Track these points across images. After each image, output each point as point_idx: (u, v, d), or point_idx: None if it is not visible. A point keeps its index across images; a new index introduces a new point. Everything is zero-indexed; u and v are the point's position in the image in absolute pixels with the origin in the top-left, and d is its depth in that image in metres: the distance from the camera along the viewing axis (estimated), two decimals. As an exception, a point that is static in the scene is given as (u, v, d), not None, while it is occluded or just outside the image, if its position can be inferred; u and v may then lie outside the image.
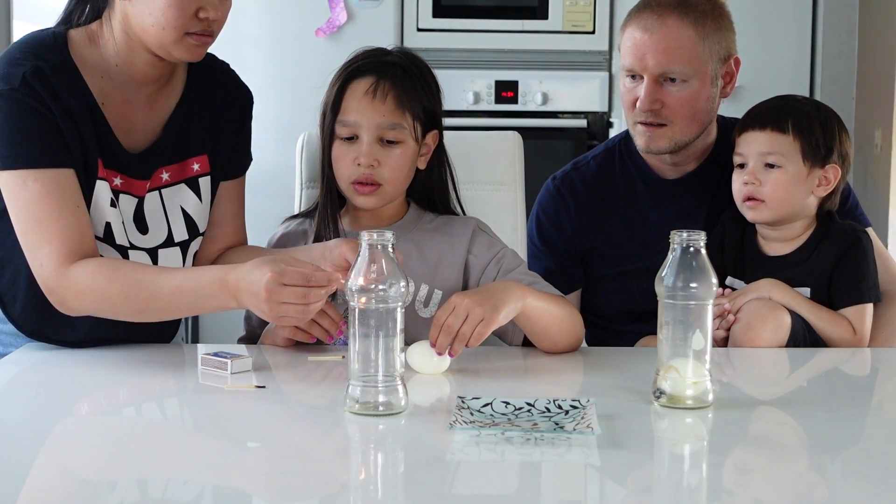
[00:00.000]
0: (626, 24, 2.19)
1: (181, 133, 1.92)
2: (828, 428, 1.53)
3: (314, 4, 3.72)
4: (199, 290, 1.74)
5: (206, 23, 1.80)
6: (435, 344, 1.73)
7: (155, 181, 1.90)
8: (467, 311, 1.73)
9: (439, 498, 1.27)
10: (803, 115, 2.08)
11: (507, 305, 1.78)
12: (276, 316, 1.67)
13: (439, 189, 2.08)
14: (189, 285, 1.75)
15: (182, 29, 1.79)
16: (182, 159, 1.93)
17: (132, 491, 1.29)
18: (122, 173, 1.86)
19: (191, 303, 1.76)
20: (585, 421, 1.45)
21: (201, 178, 1.95)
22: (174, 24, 1.78)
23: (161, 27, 1.78)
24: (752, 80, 3.41)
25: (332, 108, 1.97)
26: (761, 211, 2.09)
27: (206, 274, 1.75)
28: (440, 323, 1.73)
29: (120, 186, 1.86)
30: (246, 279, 1.68)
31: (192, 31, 1.80)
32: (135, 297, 1.76)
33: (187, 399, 1.67)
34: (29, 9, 3.71)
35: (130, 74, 1.86)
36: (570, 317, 1.91)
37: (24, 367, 1.80)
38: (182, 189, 1.93)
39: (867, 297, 2.07)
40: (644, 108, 2.14)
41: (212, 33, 1.83)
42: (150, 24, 1.79)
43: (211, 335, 3.70)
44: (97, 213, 1.83)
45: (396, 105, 1.95)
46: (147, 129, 1.90)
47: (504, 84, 3.82)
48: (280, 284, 1.64)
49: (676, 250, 1.56)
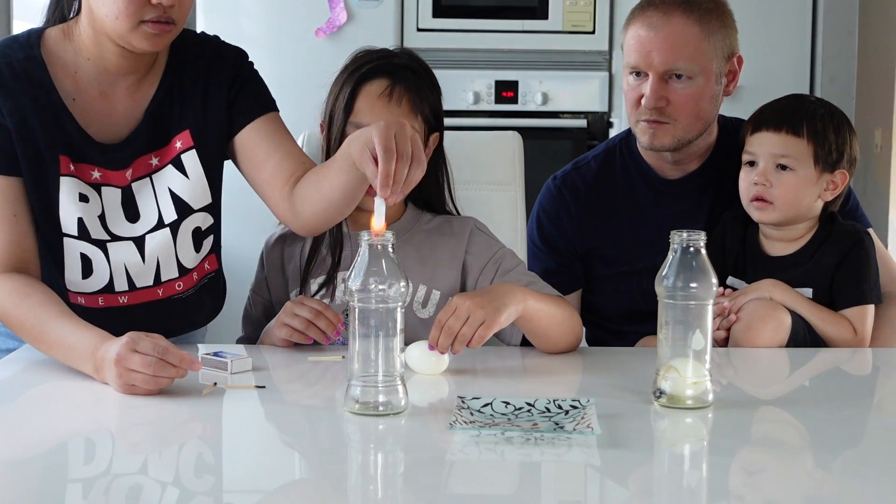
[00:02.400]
0: (629, 23, 2.19)
1: (161, 116, 1.90)
2: (829, 428, 1.53)
3: (314, 4, 3.72)
4: (74, 350, 1.71)
5: (161, 9, 1.77)
6: (435, 345, 1.73)
7: (144, 168, 1.89)
8: (468, 313, 1.73)
9: (439, 498, 1.27)
10: (818, 118, 2.07)
11: (508, 308, 1.78)
12: (123, 383, 1.62)
13: (436, 189, 2.08)
14: (69, 341, 1.72)
15: (135, 17, 1.77)
16: (167, 142, 1.91)
17: (130, 490, 1.29)
18: (99, 166, 1.86)
19: (66, 358, 1.73)
20: (585, 421, 1.45)
21: (184, 154, 1.92)
22: (125, 12, 1.77)
23: (114, 17, 1.78)
24: (752, 80, 3.40)
25: (344, 110, 1.96)
26: (769, 213, 2.08)
27: (87, 338, 1.70)
28: (441, 324, 1.73)
29: (99, 179, 1.86)
30: (106, 348, 1.65)
31: (148, 19, 1.78)
32: (27, 332, 1.77)
33: (187, 399, 1.67)
34: (29, 9, 3.70)
35: (103, 67, 1.86)
36: (569, 317, 1.91)
37: (24, 367, 1.80)
38: (168, 170, 1.91)
39: (868, 298, 2.07)
40: (649, 106, 2.14)
41: (170, 20, 1.80)
42: (104, 15, 1.79)
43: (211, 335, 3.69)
44: (66, 210, 1.84)
45: (410, 108, 1.96)
46: (129, 119, 1.89)
47: (504, 84, 3.82)
48: (131, 351, 1.61)
49: (676, 250, 1.56)
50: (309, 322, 1.85)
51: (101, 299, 1.91)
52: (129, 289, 1.91)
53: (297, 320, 1.86)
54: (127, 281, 1.91)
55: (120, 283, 1.91)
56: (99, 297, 1.90)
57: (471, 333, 1.72)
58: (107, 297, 1.91)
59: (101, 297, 1.91)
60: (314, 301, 1.89)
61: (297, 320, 1.86)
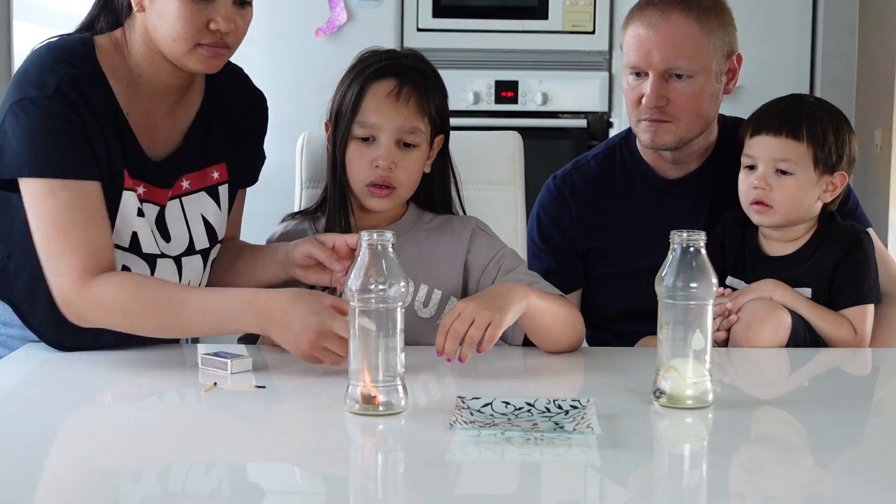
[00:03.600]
0: (628, 22, 2.19)
1: (201, 141, 1.93)
2: (828, 427, 1.53)
3: (314, 4, 3.72)
4: (224, 312, 1.74)
5: (218, 34, 1.79)
6: (442, 351, 1.71)
7: (176, 189, 1.90)
8: (473, 316, 1.71)
9: (439, 498, 1.27)
10: (817, 121, 2.06)
11: (513, 306, 1.77)
12: (311, 356, 1.68)
13: (439, 190, 2.08)
14: (215, 306, 1.75)
15: (192, 41, 1.79)
16: (202, 167, 1.93)
17: (126, 489, 1.29)
18: (146, 182, 1.86)
19: (214, 323, 1.75)
20: (585, 421, 1.45)
21: (220, 187, 1.95)
22: (184, 36, 1.78)
23: (172, 39, 1.79)
24: (752, 80, 3.41)
25: (351, 109, 1.96)
26: (769, 216, 2.08)
27: (234, 296, 1.76)
28: (446, 329, 1.71)
29: (143, 195, 1.86)
30: (283, 309, 1.68)
31: (204, 43, 1.79)
32: (159, 314, 1.76)
33: (187, 399, 1.67)
34: (29, 9, 3.70)
35: (153, 84, 1.87)
36: (571, 316, 1.91)
37: (25, 367, 1.80)
38: (202, 197, 1.93)
39: (868, 298, 2.07)
40: (650, 105, 2.14)
41: (226, 45, 1.82)
42: (161, 36, 1.80)
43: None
44: (124, 223, 1.83)
45: (417, 109, 1.96)
46: (168, 139, 1.90)
47: (504, 84, 3.82)
48: (331, 332, 1.66)
49: (676, 250, 1.56)
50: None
51: None
52: None
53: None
54: None
55: None
56: None
57: (479, 335, 1.71)
58: None
59: None
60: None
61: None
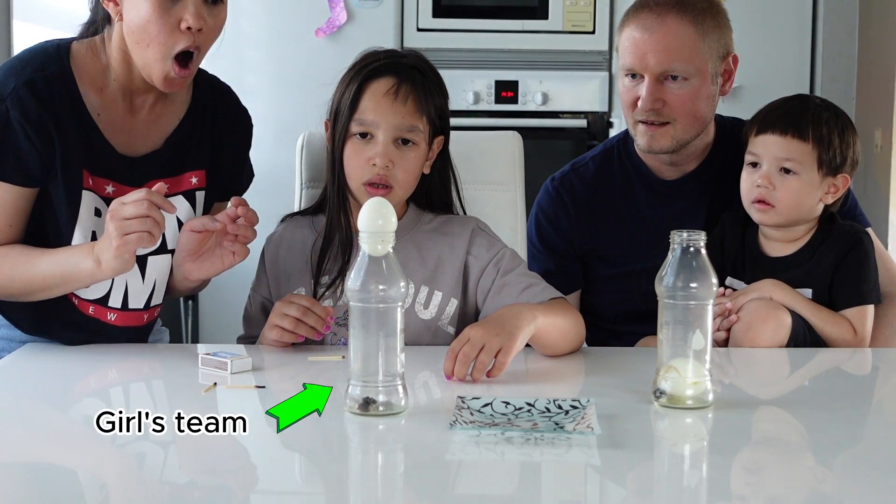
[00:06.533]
0: (623, 25, 2.19)
1: (181, 148, 1.95)
2: (829, 428, 1.53)
3: (314, 4, 3.72)
4: (68, 261, 1.81)
5: (190, 35, 1.81)
6: (451, 375, 1.69)
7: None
8: (483, 342, 1.69)
9: (439, 498, 1.27)
10: (823, 123, 2.06)
11: (522, 331, 1.75)
12: (121, 234, 1.72)
13: (439, 190, 2.08)
14: (60, 258, 1.82)
15: (165, 45, 1.80)
16: (179, 173, 1.95)
17: (125, 489, 1.29)
18: (114, 180, 1.88)
19: (63, 275, 1.82)
20: (585, 421, 1.45)
21: (198, 192, 1.98)
22: (157, 39, 1.80)
23: (146, 44, 1.81)
24: (752, 80, 3.41)
25: (349, 106, 1.96)
26: (770, 215, 2.08)
27: (78, 246, 1.83)
28: (454, 353, 1.69)
29: (112, 194, 1.88)
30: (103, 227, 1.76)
31: (178, 51, 1.81)
32: (18, 278, 1.84)
33: (187, 399, 1.67)
34: (29, 9, 3.70)
35: (129, 88, 1.90)
36: (575, 324, 1.91)
37: (24, 367, 1.80)
38: (178, 200, 1.95)
39: (868, 299, 2.07)
40: (646, 108, 2.14)
41: (197, 47, 1.83)
42: (135, 42, 1.82)
43: (211, 335, 3.70)
44: (83, 224, 1.86)
45: (415, 107, 1.95)
46: (148, 141, 1.93)
47: (504, 84, 3.82)
48: (120, 203, 1.72)
49: (676, 250, 1.56)
50: (298, 320, 1.85)
51: (92, 308, 1.92)
52: (121, 307, 1.94)
53: (287, 320, 1.86)
54: (122, 299, 1.93)
55: (115, 298, 1.93)
56: (91, 305, 1.92)
57: (489, 361, 1.68)
58: (98, 309, 1.93)
59: (93, 307, 1.92)
60: (302, 298, 1.89)
61: (286, 320, 1.86)
